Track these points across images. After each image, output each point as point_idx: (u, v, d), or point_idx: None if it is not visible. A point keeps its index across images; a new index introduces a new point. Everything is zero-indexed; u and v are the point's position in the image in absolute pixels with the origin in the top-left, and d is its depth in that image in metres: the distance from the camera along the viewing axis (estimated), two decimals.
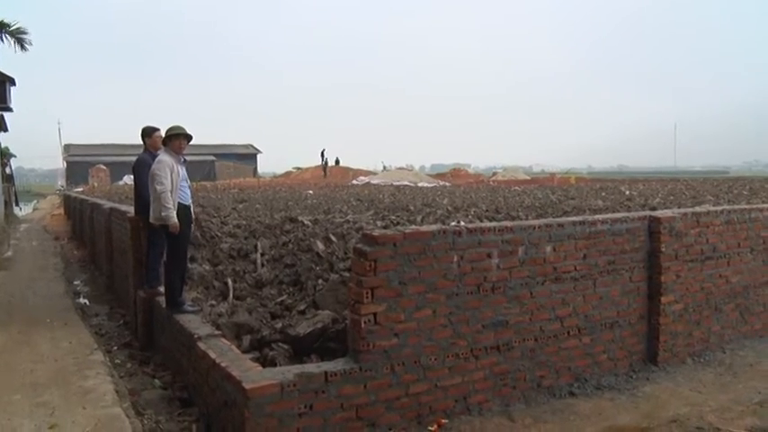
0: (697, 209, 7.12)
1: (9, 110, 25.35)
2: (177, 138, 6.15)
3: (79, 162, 65.10)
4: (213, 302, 6.88)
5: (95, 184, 45.93)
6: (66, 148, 71.69)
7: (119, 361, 6.75)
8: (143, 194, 6.36)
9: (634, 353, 6.14)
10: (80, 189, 38.24)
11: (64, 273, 12.94)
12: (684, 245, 6.41)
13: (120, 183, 50.70)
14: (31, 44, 20.89)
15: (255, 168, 72.64)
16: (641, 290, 6.17)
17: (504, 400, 5.23)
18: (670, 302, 6.25)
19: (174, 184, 5.95)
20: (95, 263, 13.59)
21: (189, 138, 6.25)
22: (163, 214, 5.88)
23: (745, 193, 18.01)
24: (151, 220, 6.13)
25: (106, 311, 9.27)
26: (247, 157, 74.20)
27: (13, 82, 24.48)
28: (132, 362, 6.80)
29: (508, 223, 5.44)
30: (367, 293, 4.53)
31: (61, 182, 67.81)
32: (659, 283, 6.17)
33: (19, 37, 20.43)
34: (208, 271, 7.85)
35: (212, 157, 63.98)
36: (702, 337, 6.67)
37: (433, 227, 5.06)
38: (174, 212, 5.95)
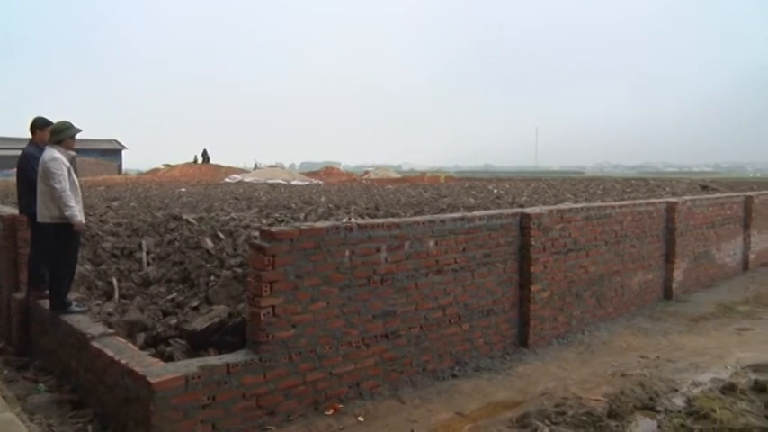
0: (561, 206, 7.89)
1: None
2: (73, 136, 6.04)
3: None
4: (99, 302, 6.77)
5: None
6: None
7: None
8: (32, 191, 6.08)
9: (507, 337, 6.74)
10: None
11: None
12: (551, 238, 7.10)
13: None
14: None
15: (120, 165, 69.28)
16: (513, 280, 6.79)
17: (393, 384, 5.62)
18: (538, 291, 6.92)
19: (71, 182, 5.84)
20: None
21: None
22: (67, 213, 5.73)
23: (599, 191, 19.65)
24: (39, 220, 5.93)
25: None
26: (111, 152, 70.47)
27: None
28: (9, 368, 6.52)
29: (395, 220, 5.84)
30: (266, 287, 4.74)
31: None
32: (529, 274, 6.82)
33: None
34: (89, 271, 7.66)
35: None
36: (566, 321, 7.41)
37: (327, 223, 5.34)
38: (77, 210, 5.82)
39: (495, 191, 22.12)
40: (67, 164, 5.94)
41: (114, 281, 7.34)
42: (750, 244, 12.17)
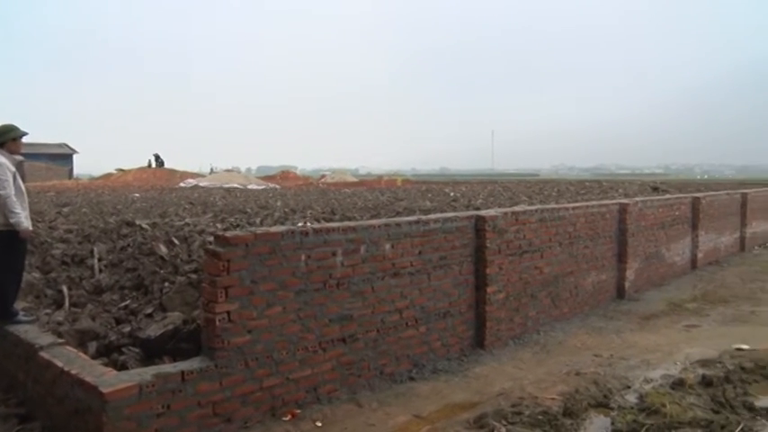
0: (515, 208, 7.99)
1: None
2: (18, 139, 5.86)
3: None
4: (48, 311, 6.58)
5: None
6: None
7: None
8: None
9: (464, 339, 6.79)
10: None
11: None
12: (506, 241, 7.18)
13: None
14: None
15: (71, 170, 67.73)
16: (469, 282, 6.84)
17: (351, 388, 5.60)
18: (494, 292, 6.99)
19: (16, 187, 5.65)
20: None
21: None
22: (12, 220, 5.54)
23: (553, 194, 20.01)
24: None
25: None
26: (61, 157, 68.76)
27: None
28: None
29: (351, 223, 5.82)
30: (221, 293, 4.68)
31: None
32: (485, 275, 6.88)
33: None
34: (38, 279, 7.45)
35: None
36: (521, 321, 7.51)
37: (282, 228, 5.30)
38: (23, 217, 5.64)
39: (452, 194, 22.34)
40: (13, 169, 5.76)
41: (64, 289, 7.15)
42: (698, 243, 12.53)
